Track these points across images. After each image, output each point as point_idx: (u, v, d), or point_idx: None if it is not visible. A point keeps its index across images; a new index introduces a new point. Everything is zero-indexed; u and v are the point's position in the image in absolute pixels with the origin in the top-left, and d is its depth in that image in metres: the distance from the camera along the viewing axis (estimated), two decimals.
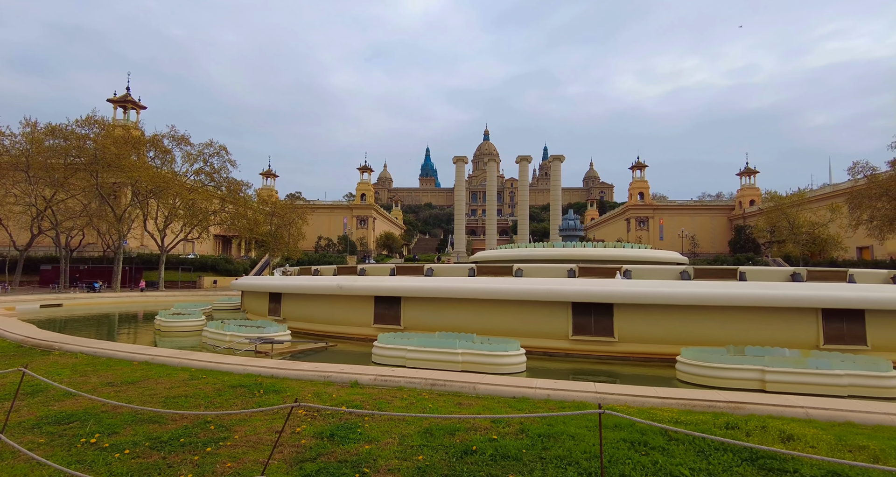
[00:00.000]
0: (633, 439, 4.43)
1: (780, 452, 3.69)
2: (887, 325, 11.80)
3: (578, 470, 3.78)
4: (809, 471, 3.80)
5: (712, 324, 12.33)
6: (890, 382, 8.83)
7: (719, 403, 5.83)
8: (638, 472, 3.75)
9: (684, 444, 4.26)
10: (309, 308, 15.96)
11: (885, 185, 43.51)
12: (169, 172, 44.97)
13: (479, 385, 6.47)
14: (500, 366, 10.05)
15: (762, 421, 5.10)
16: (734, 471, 3.82)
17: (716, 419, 5.15)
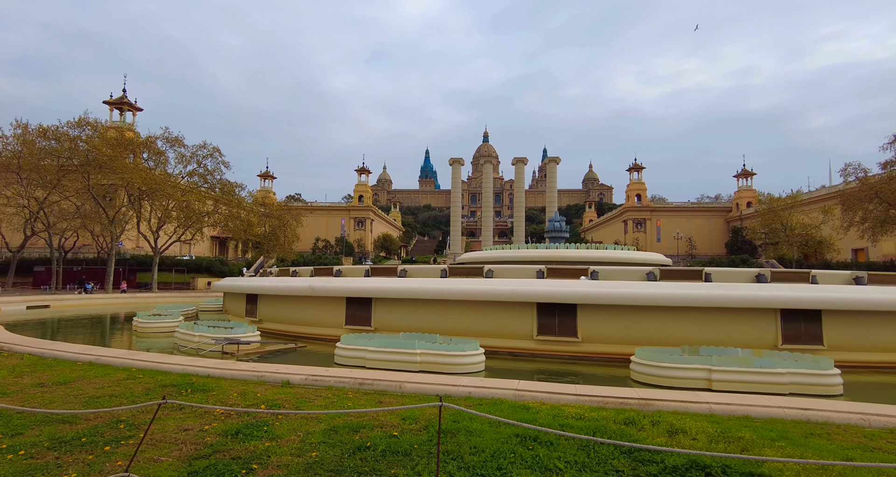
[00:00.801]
0: (526, 434, 4.63)
1: (652, 448, 3.87)
2: (843, 325, 11.97)
3: (460, 464, 3.98)
4: (673, 460, 4.01)
5: (675, 324, 12.50)
6: (830, 380, 9.01)
7: (630, 399, 6.03)
8: (516, 465, 3.94)
9: (574, 438, 4.47)
10: (283, 309, 16.19)
11: (875, 188, 43.61)
12: (162, 174, 45.33)
13: (404, 384, 6.68)
14: (457, 366, 10.24)
15: (660, 417, 5.29)
16: (608, 463, 4.03)
17: (617, 415, 5.35)
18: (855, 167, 46.22)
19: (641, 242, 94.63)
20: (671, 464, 3.96)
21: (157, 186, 42.15)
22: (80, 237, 49.58)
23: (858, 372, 11.78)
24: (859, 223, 46.59)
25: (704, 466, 3.90)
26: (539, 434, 4.50)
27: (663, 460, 4.02)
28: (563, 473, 3.85)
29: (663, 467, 3.93)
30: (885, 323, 11.96)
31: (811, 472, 3.96)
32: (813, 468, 3.98)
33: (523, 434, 4.58)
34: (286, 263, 62.50)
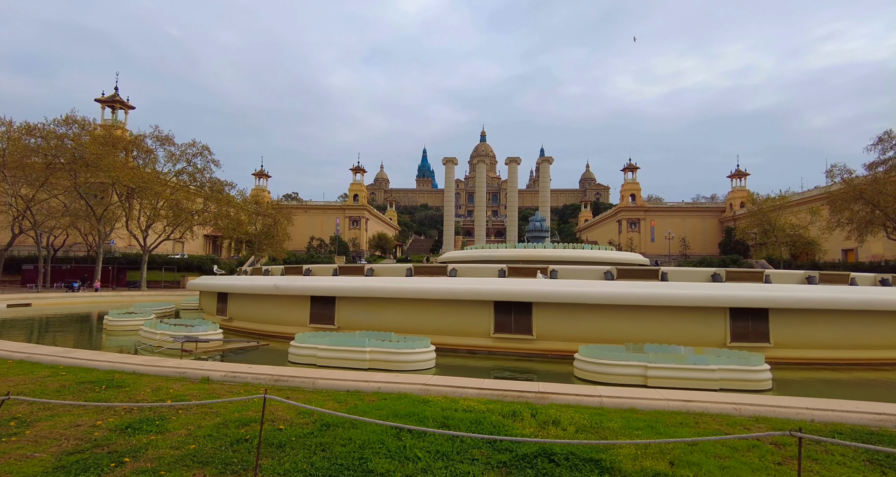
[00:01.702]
0: (402, 426, 4.88)
1: (508, 439, 4.13)
2: (789, 323, 12.24)
3: (327, 455, 4.22)
4: (526, 448, 4.27)
5: (628, 322, 12.76)
6: (759, 376, 9.29)
7: (528, 393, 6.29)
8: (379, 455, 4.19)
9: (461, 430, 4.72)
10: (251, 308, 16.42)
11: (860, 188, 43.93)
12: (151, 172, 45.51)
13: (317, 380, 6.92)
14: (406, 363, 10.48)
15: (545, 409, 5.55)
16: (469, 452, 4.29)
17: (505, 408, 5.60)
18: (840, 168, 46.57)
19: (636, 241, 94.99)
20: (522, 452, 4.22)
21: (146, 185, 42.35)
22: (70, 236, 49.78)
23: (803, 369, 12.08)
24: (845, 224, 46.92)
25: (551, 454, 4.15)
26: (411, 423, 4.77)
27: (517, 449, 4.27)
28: (421, 461, 4.09)
29: (514, 455, 4.19)
30: (828, 321, 12.24)
31: (650, 456, 4.23)
32: (653, 451, 4.26)
33: (401, 426, 4.83)
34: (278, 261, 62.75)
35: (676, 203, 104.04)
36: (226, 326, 17.50)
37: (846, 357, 12.35)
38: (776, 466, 4.23)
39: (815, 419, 5.56)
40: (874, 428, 5.34)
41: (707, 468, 4.04)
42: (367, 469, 3.95)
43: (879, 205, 42.58)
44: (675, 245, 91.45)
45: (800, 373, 11.88)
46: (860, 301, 12.13)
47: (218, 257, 71.94)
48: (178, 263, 56.31)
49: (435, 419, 5.11)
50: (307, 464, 4.02)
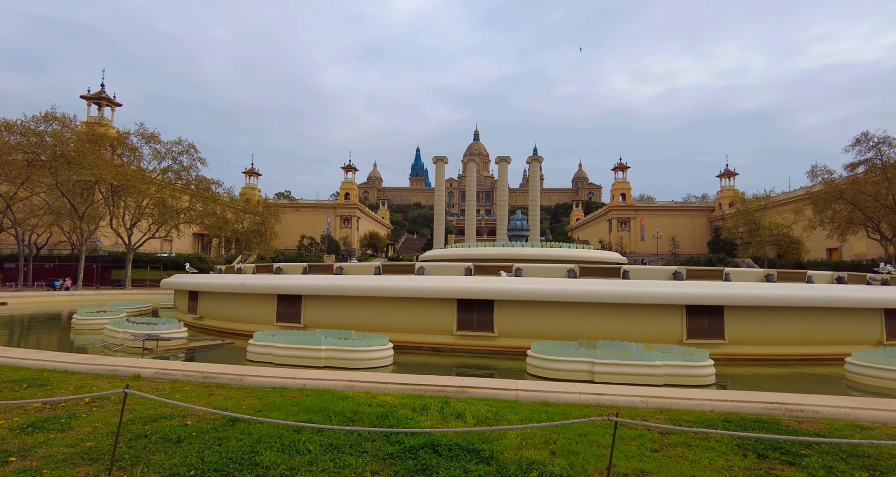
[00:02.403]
0: (291, 419, 5.06)
1: (400, 431, 4.26)
2: (743, 320, 12.50)
3: (222, 449, 4.31)
4: (415, 440, 4.44)
5: (588, 320, 12.96)
6: (702, 371, 9.51)
7: (448, 387, 6.44)
8: (272, 449, 4.29)
9: (365, 424, 4.88)
10: (221, 306, 16.46)
11: (839, 189, 44.54)
12: (136, 170, 45.23)
13: (245, 377, 7.04)
14: (361, 361, 10.59)
15: (455, 403, 5.71)
16: (362, 445, 4.43)
17: (418, 401, 5.76)
18: (821, 169, 47.18)
19: (625, 240, 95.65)
20: (410, 444, 4.37)
21: (129, 182, 42.07)
22: (53, 234, 49.34)
23: (757, 364, 12.35)
24: (827, 223, 47.57)
25: (437, 445, 4.31)
26: (315, 418, 4.92)
27: (407, 441, 4.42)
28: (311, 454, 4.22)
29: (403, 447, 4.34)
30: (780, 318, 12.51)
31: (534, 446, 4.40)
32: (537, 442, 4.45)
33: (307, 421, 4.96)
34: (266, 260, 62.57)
35: (666, 202, 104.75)
36: (197, 324, 17.53)
37: (798, 353, 12.63)
38: (651, 453, 4.41)
39: (714, 409, 5.77)
40: (764, 416, 5.56)
41: (584, 456, 4.21)
42: (255, 462, 4.05)
43: (859, 205, 43.21)
44: (665, 244, 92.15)
45: (752, 368, 12.15)
46: (810, 298, 12.42)
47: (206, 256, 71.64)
48: (165, 262, 55.98)
49: (343, 414, 5.25)
50: (197, 458, 4.11)
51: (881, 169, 41.24)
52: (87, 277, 48.17)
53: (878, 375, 9.74)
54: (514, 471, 3.83)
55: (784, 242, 61.44)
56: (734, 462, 4.22)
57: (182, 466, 3.94)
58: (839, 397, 6.37)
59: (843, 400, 6.16)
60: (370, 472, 3.91)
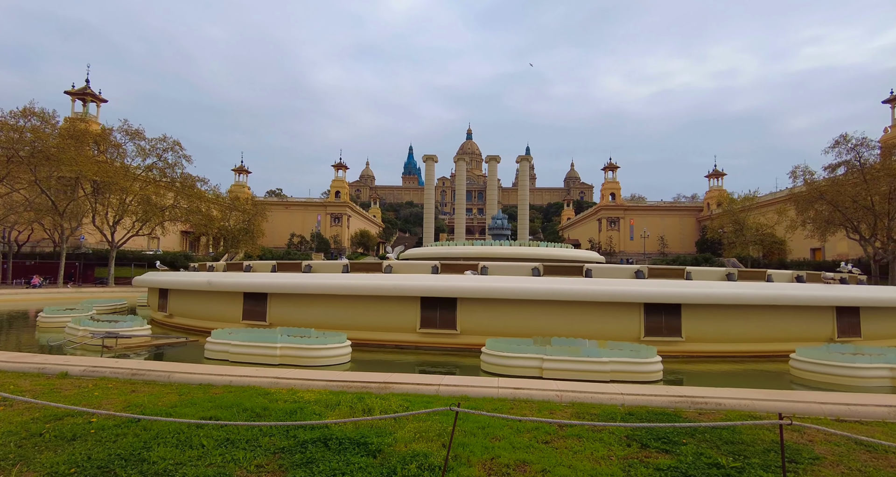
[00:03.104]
0: (202, 414, 5.16)
1: (304, 424, 4.34)
2: (700, 318, 12.74)
3: (110, 447, 4.36)
4: (307, 434, 4.56)
5: (549, 317, 13.12)
6: (649, 368, 9.71)
7: (372, 384, 6.57)
8: (167, 444, 4.33)
9: (273, 419, 4.98)
10: (189, 304, 16.45)
11: (820, 190, 45.20)
12: (119, 167, 44.82)
13: (173, 374, 7.09)
14: (317, 358, 10.65)
15: (373, 398, 5.87)
16: (259, 440, 4.52)
17: (335, 398, 5.88)
18: (803, 170, 47.79)
19: (615, 240, 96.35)
20: (304, 438, 4.49)
21: (111, 179, 41.69)
22: (35, 231, 48.75)
23: (713, 361, 12.59)
24: (808, 224, 48.24)
25: (328, 439, 4.43)
26: (223, 414, 5.02)
27: (301, 435, 4.55)
28: (204, 448, 4.30)
29: (297, 441, 4.45)
30: (735, 316, 12.77)
31: (427, 439, 4.54)
32: (432, 435, 4.60)
33: (212, 416, 5.04)
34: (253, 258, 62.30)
35: (656, 202, 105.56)
36: (167, 322, 17.50)
37: (754, 350, 12.90)
38: (543, 444, 4.56)
39: (624, 403, 5.93)
40: (670, 409, 5.74)
41: (472, 448, 4.34)
42: (143, 458, 4.11)
43: (839, 206, 43.88)
44: (654, 243, 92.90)
45: (708, 365, 12.39)
46: (763, 297, 12.69)
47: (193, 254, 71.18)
48: (150, 260, 55.51)
49: (253, 410, 5.34)
50: (83, 456, 4.13)
51: (859, 171, 41.92)
52: (69, 274, 47.70)
53: (818, 370, 10.00)
54: (395, 463, 3.95)
55: (768, 242, 62.30)
56: (615, 451, 4.38)
57: (64, 465, 3.96)
58: (744, 390, 6.57)
59: (746, 392, 6.36)
60: (255, 465, 4.00)
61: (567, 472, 3.87)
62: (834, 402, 5.86)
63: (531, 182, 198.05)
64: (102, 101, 64.49)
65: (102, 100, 64.41)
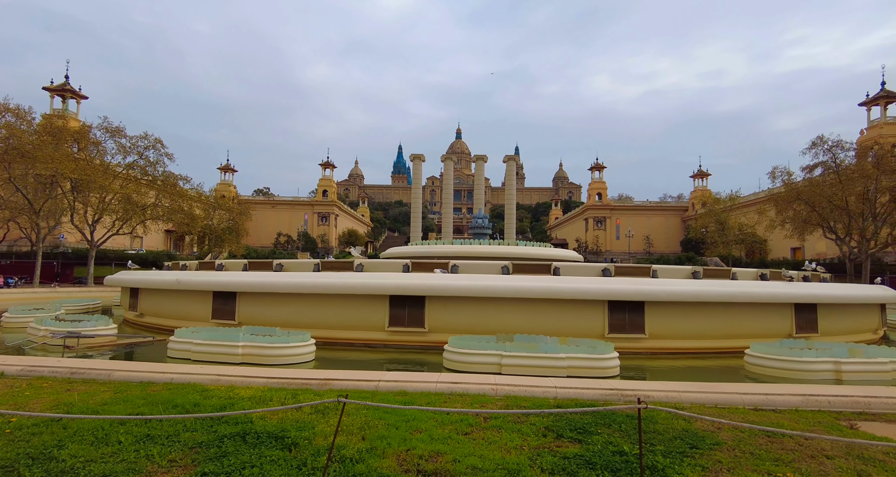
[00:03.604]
0: (131, 411, 5.19)
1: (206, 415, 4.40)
2: (662, 315, 13.00)
3: (21, 445, 4.35)
4: (225, 429, 4.64)
5: (516, 315, 13.27)
6: (605, 363, 9.91)
7: (312, 380, 6.65)
8: (82, 441, 4.33)
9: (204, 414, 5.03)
10: (159, 303, 16.31)
11: (797, 190, 46.17)
12: (98, 165, 44.07)
13: (114, 372, 7.08)
14: (279, 357, 10.64)
15: (306, 394, 5.95)
16: (180, 435, 4.58)
17: (269, 394, 5.98)
18: (781, 170, 48.76)
19: (601, 239, 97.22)
20: (223, 433, 4.56)
21: (89, 177, 40.98)
22: (12, 230, 47.73)
23: (675, 357, 12.86)
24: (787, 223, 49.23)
25: (247, 434, 4.50)
26: (151, 410, 5.07)
27: (221, 430, 4.61)
28: (120, 445, 4.33)
29: (216, 436, 4.51)
30: (698, 313, 13.06)
31: (349, 433, 4.63)
32: (354, 428, 4.70)
33: (140, 413, 5.07)
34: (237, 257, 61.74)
35: (642, 202, 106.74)
36: (138, 321, 17.32)
37: (716, 346, 13.19)
38: (462, 435, 4.69)
39: (557, 396, 6.10)
40: (599, 401, 5.92)
41: (389, 440, 4.44)
42: (52, 456, 4.10)
43: (815, 206, 44.85)
44: (639, 243, 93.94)
45: (671, 361, 12.67)
46: (724, 294, 13.00)
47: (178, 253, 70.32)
48: (133, 259, 54.71)
49: (183, 406, 5.37)
50: None
51: (835, 171, 42.91)
52: (47, 274, 46.80)
53: (769, 364, 10.29)
54: (307, 455, 4.03)
55: (749, 241, 63.48)
56: (530, 441, 4.52)
57: None
58: (671, 383, 6.79)
59: (673, 385, 6.58)
60: (168, 460, 4.04)
61: (477, 461, 3.98)
62: (753, 392, 6.08)
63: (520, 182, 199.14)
64: (83, 97, 63.29)
65: (83, 96, 63.22)
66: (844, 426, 5.25)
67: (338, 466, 3.81)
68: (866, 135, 56.26)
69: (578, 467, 3.80)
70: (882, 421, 5.46)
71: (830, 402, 5.87)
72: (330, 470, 3.68)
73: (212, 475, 3.64)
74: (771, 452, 4.34)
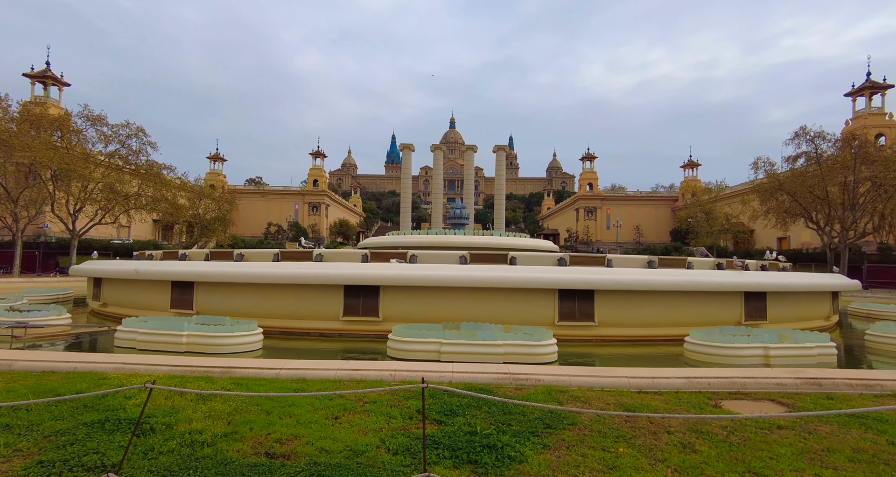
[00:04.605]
0: (12, 400, 5.25)
1: None
2: (611, 303, 13.18)
3: None
4: (90, 416, 4.71)
5: (472, 304, 13.40)
6: (542, 350, 10.08)
7: (214, 368, 6.78)
8: None
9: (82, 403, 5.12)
10: (120, 292, 16.34)
11: (779, 180, 46.43)
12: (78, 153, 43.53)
13: (15, 362, 6.99)
14: (224, 346, 10.71)
15: (194, 381, 6.05)
16: (42, 424, 4.66)
17: (167, 382, 6.05)
18: (764, 161, 48.90)
19: (591, 229, 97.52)
20: (84, 420, 4.66)
21: (68, 166, 40.53)
22: None
23: (623, 345, 13.08)
24: (769, 213, 49.60)
25: (107, 421, 4.60)
26: (29, 398, 5.14)
27: (81, 417, 4.70)
28: None
29: (76, 423, 4.58)
30: (647, 301, 13.25)
31: (215, 418, 4.75)
32: (220, 414, 4.80)
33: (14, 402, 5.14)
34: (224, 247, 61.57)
35: (632, 192, 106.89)
36: (102, 311, 17.35)
37: (666, 334, 13.39)
38: (331, 419, 4.81)
39: (452, 380, 6.25)
40: (492, 385, 6.10)
41: (253, 425, 4.56)
42: None
43: (796, 196, 45.15)
44: (630, 233, 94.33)
45: (620, 349, 12.88)
46: (672, 283, 13.18)
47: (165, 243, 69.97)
48: (117, 249, 54.43)
49: (64, 395, 5.38)
50: None
51: (816, 162, 43.13)
52: (29, 264, 46.56)
53: (705, 351, 10.52)
54: (160, 440, 4.13)
55: (734, 231, 63.97)
56: (393, 424, 4.66)
57: None
58: (566, 367, 6.97)
59: (565, 369, 6.75)
60: (13, 450, 4.07)
61: (329, 443, 4.10)
62: (641, 376, 6.25)
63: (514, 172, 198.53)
64: (65, 84, 62.16)
65: (65, 83, 62.08)
66: (710, 405, 5.44)
67: (187, 451, 3.91)
68: (852, 125, 56.43)
69: (422, 447, 3.92)
70: (749, 400, 5.65)
71: (710, 383, 6.06)
72: (161, 450, 3.74)
73: (48, 463, 3.71)
74: (619, 430, 4.52)
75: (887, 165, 39.28)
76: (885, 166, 39.31)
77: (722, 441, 4.31)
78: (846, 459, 4.08)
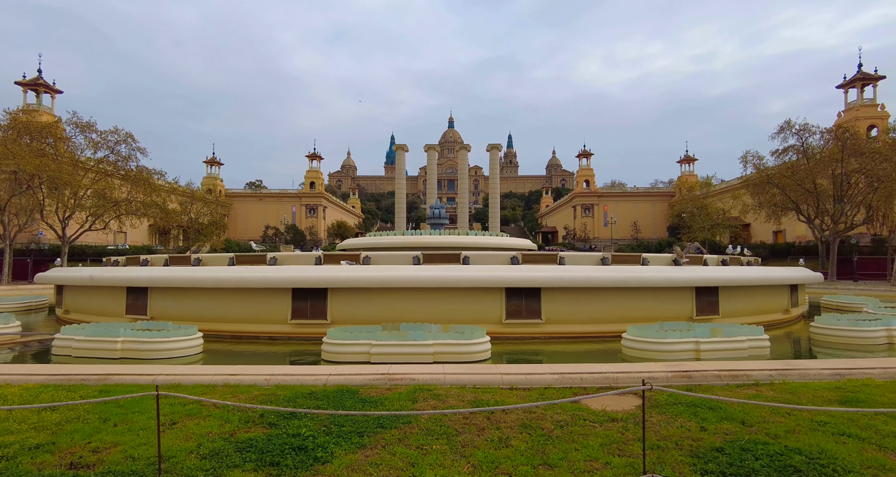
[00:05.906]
0: None
1: None
2: (558, 300, 13.13)
3: None
4: None
5: (417, 304, 13.38)
6: (474, 348, 10.08)
7: (91, 376, 6.77)
8: None
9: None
10: (80, 299, 16.46)
11: (767, 174, 46.10)
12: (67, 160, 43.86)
13: None
14: (160, 352, 10.73)
15: (66, 390, 6.08)
16: None
17: (35, 392, 6.06)
18: (753, 155, 48.55)
19: (589, 226, 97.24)
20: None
21: (54, 173, 40.85)
22: None
23: (570, 342, 13.03)
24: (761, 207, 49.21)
25: None
26: None
27: None
28: None
29: None
30: (595, 298, 13.19)
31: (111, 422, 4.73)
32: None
33: None
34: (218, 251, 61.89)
35: (630, 188, 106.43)
36: (65, 318, 17.47)
37: (615, 330, 13.27)
38: (170, 424, 4.78)
39: (327, 383, 6.24)
40: (366, 385, 5.99)
41: (81, 434, 4.55)
42: None
43: (786, 189, 44.79)
44: (627, 229, 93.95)
45: (567, 345, 12.83)
46: (619, 279, 13.10)
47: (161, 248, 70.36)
48: (111, 255, 54.83)
49: None
50: None
51: (802, 155, 42.78)
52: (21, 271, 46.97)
53: (639, 347, 10.46)
54: None
55: (728, 225, 63.61)
56: (226, 428, 4.68)
57: None
58: (439, 366, 6.93)
59: (443, 368, 6.73)
60: None
61: (143, 450, 4.11)
62: (514, 373, 6.28)
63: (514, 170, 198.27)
64: (57, 91, 62.71)
65: (57, 90, 62.63)
66: (567, 402, 5.40)
67: None
68: (843, 117, 55.88)
69: (235, 451, 3.93)
70: (613, 394, 5.58)
71: (583, 378, 6.04)
72: None
73: None
74: (450, 428, 4.51)
75: (875, 157, 38.87)
76: (873, 158, 38.90)
77: (543, 436, 4.31)
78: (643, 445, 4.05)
